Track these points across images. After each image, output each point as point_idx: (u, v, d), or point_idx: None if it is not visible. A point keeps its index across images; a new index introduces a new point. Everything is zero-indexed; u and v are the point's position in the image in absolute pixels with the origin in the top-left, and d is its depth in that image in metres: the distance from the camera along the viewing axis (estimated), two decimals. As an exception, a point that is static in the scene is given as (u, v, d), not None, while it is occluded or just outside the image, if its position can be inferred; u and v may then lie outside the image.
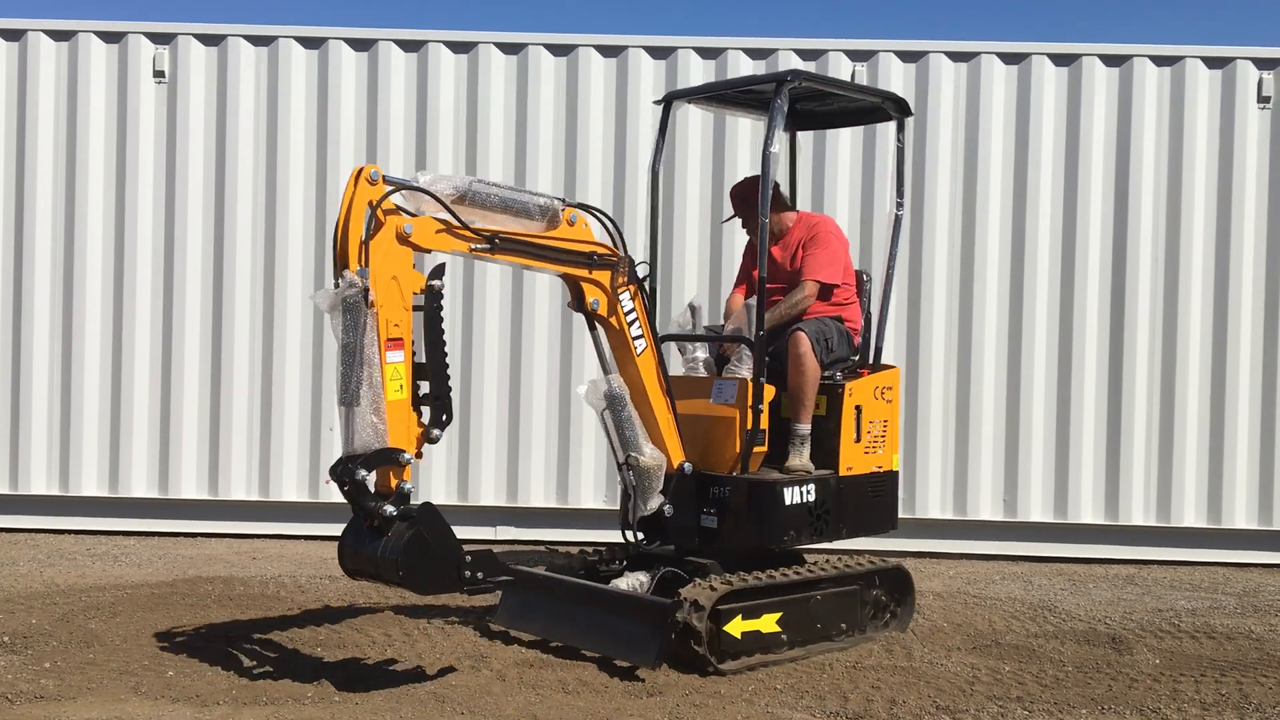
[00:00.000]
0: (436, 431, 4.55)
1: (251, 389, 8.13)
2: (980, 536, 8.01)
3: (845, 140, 8.04)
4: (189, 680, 4.74)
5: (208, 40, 8.18)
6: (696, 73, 8.10)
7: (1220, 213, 8.01)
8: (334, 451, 8.06)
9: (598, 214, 5.19)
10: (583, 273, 5.10)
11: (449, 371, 4.63)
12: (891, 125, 6.16)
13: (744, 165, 7.93)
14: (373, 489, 4.41)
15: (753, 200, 5.78)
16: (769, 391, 5.43)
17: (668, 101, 6.11)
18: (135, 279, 8.12)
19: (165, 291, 8.14)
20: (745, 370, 5.47)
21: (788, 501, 5.35)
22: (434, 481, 8.08)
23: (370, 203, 4.38)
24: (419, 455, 4.55)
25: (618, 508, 7.74)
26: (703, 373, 5.74)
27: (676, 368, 5.86)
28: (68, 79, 8.17)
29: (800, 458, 5.49)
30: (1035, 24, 27.08)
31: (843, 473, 5.59)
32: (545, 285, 8.03)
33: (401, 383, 4.43)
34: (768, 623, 5.17)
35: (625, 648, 5.06)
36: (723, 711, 4.47)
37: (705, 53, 8.11)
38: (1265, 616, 6.40)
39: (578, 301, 5.19)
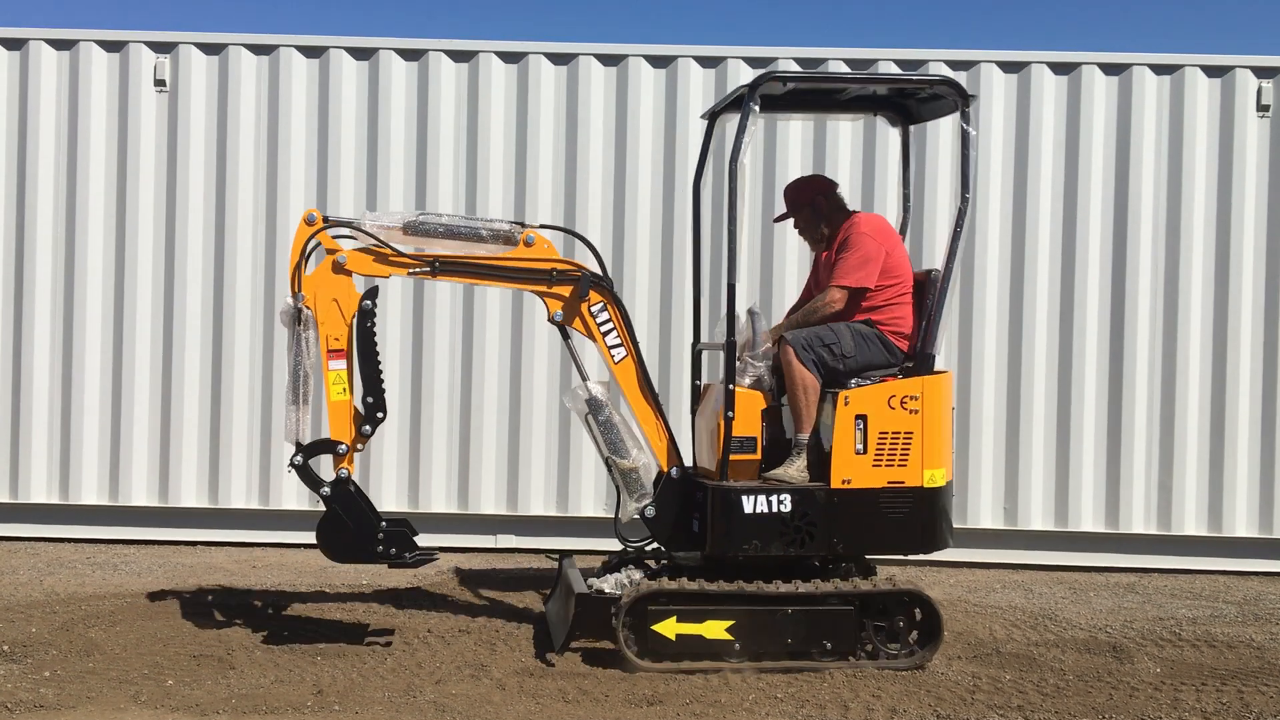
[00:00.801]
0: (367, 428, 5.36)
1: (251, 398, 8.13)
2: (981, 544, 8.00)
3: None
4: (188, 689, 4.74)
5: (209, 49, 8.19)
6: (697, 81, 8.11)
7: (1220, 221, 8.01)
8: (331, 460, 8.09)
9: (572, 233, 5.88)
10: (540, 288, 5.56)
11: (382, 377, 5.43)
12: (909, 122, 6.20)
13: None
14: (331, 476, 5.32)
15: (803, 201, 5.81)
16: (750, 399, 5.44)
17: (712, 117, 6.05)
18: (136, 288, 8.13)
19: (166, 301, 8.14)
20: (747, 379, 5.49)
21: (747, 510, 5.31)
22: (434, 490, 8.08)
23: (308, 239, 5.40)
24: (358, 448, 5.40)
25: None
26: (751, 382, 5.57)
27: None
28: (69, 88, 8.18)
29: (791, 467, 5.42)
30: (1034, 33, 27.12)
31: (836, 485, 5.35)
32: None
33: (343, 386, 5.34)
34: (713, 629, 5.19)
35: (555, 632, 5.57)
36: (723, 720, 4.46)
37: (706, 61, 8.11)
38: (1266, 625, 6.40)
39: (549, 315, 5.59)
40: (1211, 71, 8.04)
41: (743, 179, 5.29)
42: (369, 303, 5.39)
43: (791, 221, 5.98)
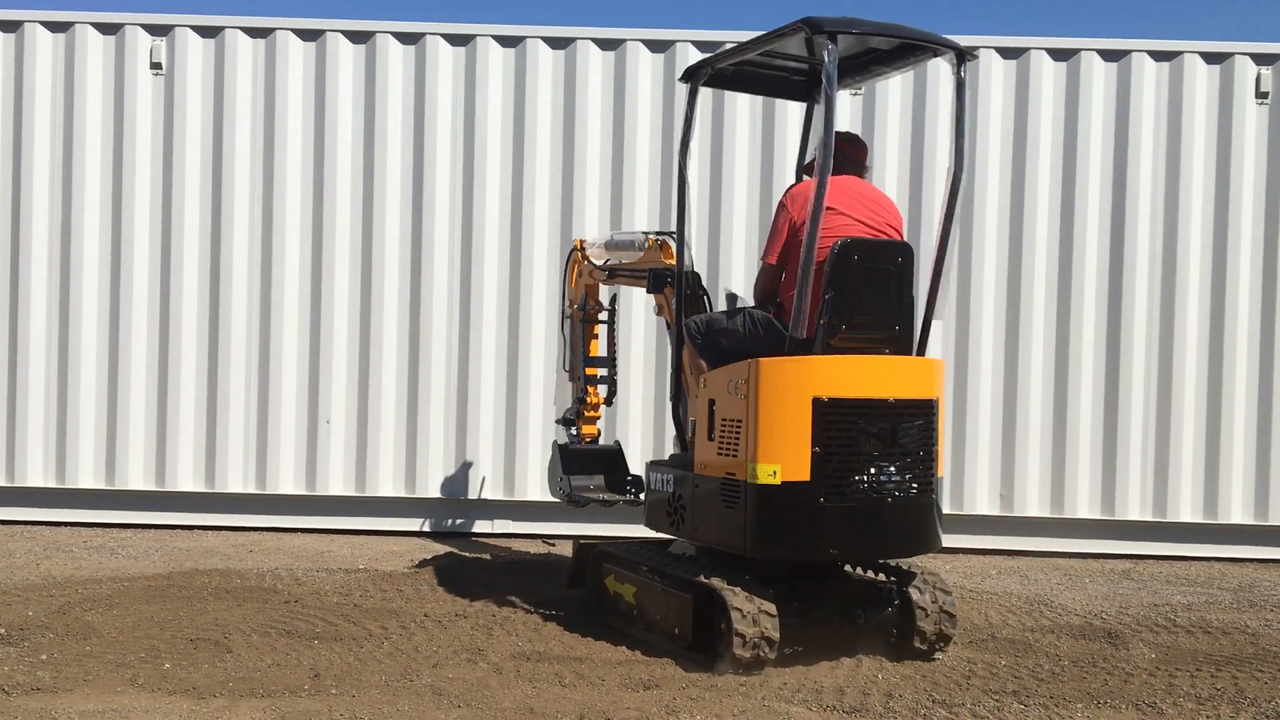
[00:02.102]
0: (580, 398, 6.93)
1: (248, 382, 8.13)
2: (977, 531, 8.02)
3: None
4: (186, 672, 4.74)
5: (205, 32, 8.16)
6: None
7: (1218, 208, 8.01)
8: (330, 444, 8.11)
9: (667, 234, 6.20)
10: (643, 284, 6.10)
11: (590, 363, 6.91)
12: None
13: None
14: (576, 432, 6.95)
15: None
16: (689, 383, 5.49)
17: (692, 78, 5.46)
18: (132, 271, 8.11)
19: (162, 284, 8.13)
20: None
21: (652, 485, 5.52)
22: (431, 474, 8.10)
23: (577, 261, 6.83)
24: (583, 414, 6.93)
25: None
26: None
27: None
28: (64, 71, 8.15)
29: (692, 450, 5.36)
30: (1033, 19, 27.08)
31: (696, 470, 5.13)
32: (541, 290, 8.11)
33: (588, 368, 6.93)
34: (627, 592, 5.43)
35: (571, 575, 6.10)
36: (719, 705, 4.47)
37: (705, 46, 8.09)
38: (1261, 611, 6.41)
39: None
40: (1210, 58, 8.03)
41: (691, 167, 5.22)
42: (575, 308, 6.89)
43: None
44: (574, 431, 6.92)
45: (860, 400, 4.83)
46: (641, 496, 6.16)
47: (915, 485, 4.97)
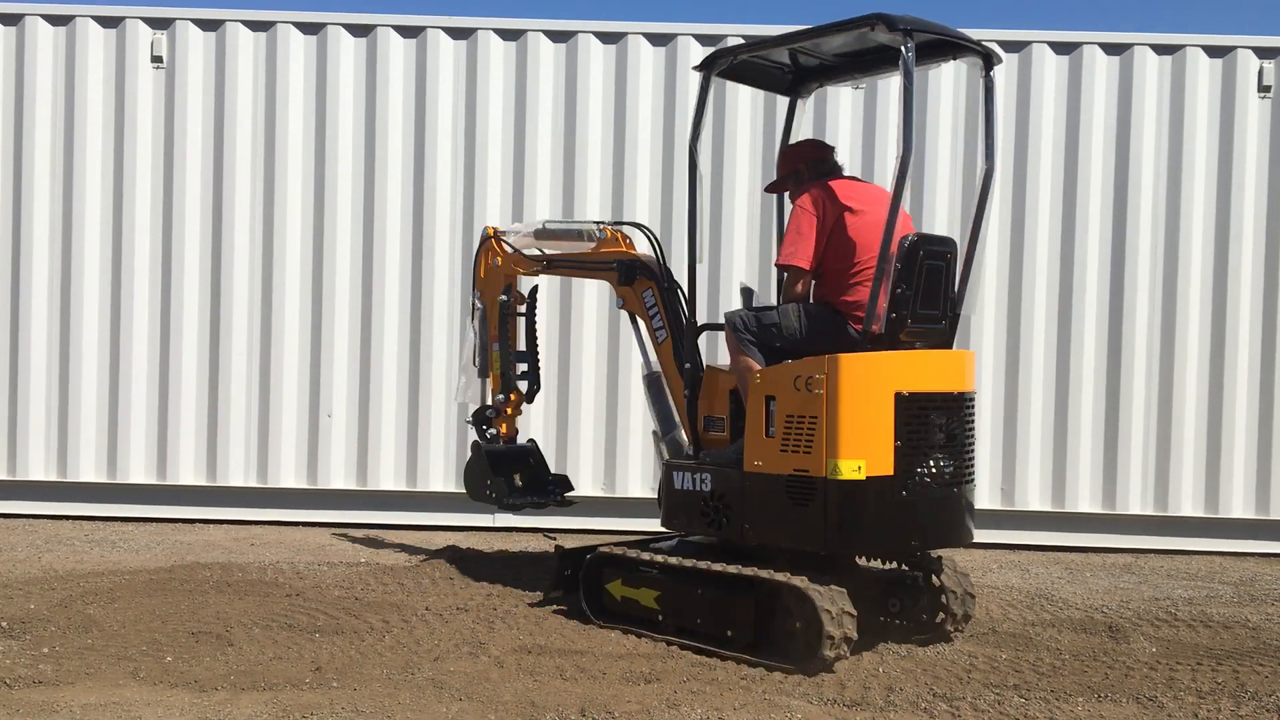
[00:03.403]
0: (500, 397, 6.55)
1: (250, 375, 8.13)
2: (978, 524, 7.95)
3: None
4: (187, 665, 4.75)
5: (206, 25, 8.16)
6: (697, 59, 8.05)
7: (1220, 202, 8.00)
8: (331, 437, 8.12)
9: (633, 225, 6.13)
10: (611, 277, 5.94)
11: (514, 359, 6.57)
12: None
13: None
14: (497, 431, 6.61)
15: (785, 170, 5.54)
16: (710, 375, 5.48)
17: (711, 67, 5.44)
18: (133, 265, 8.12)
19: (163, 277, 8.13)
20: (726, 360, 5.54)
21: (677, 486, 5.38)
22: (433, 469, 8.10)
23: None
24: (506, 412, 6.55)
25: (614, 495, 7.89)
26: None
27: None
28: (65, 64, 8.15)
29: (731, 448, 5.32)
30: (1035, 13, 27.04)
31: (748, 469, 5.04)
32: (542, 287, 8.00)
33: (499, 363, 6.56)
34: (646, 596, 5.31)
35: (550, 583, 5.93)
36: (720, 698, 4.47)
37: (705, 40, 8.08)
38: (1262, 605, 6.42)
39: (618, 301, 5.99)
40: (1213, 52, 8.02)
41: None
42: (504, 298, 6.48)
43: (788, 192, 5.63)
44: (490, 431, 6.58)
45: (934, 394, 4.98)
46: (567, 496, 6.60)
47: (965, 476, 5.15)
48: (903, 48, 4.79)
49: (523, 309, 6.66)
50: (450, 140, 8.12)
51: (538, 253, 6.37)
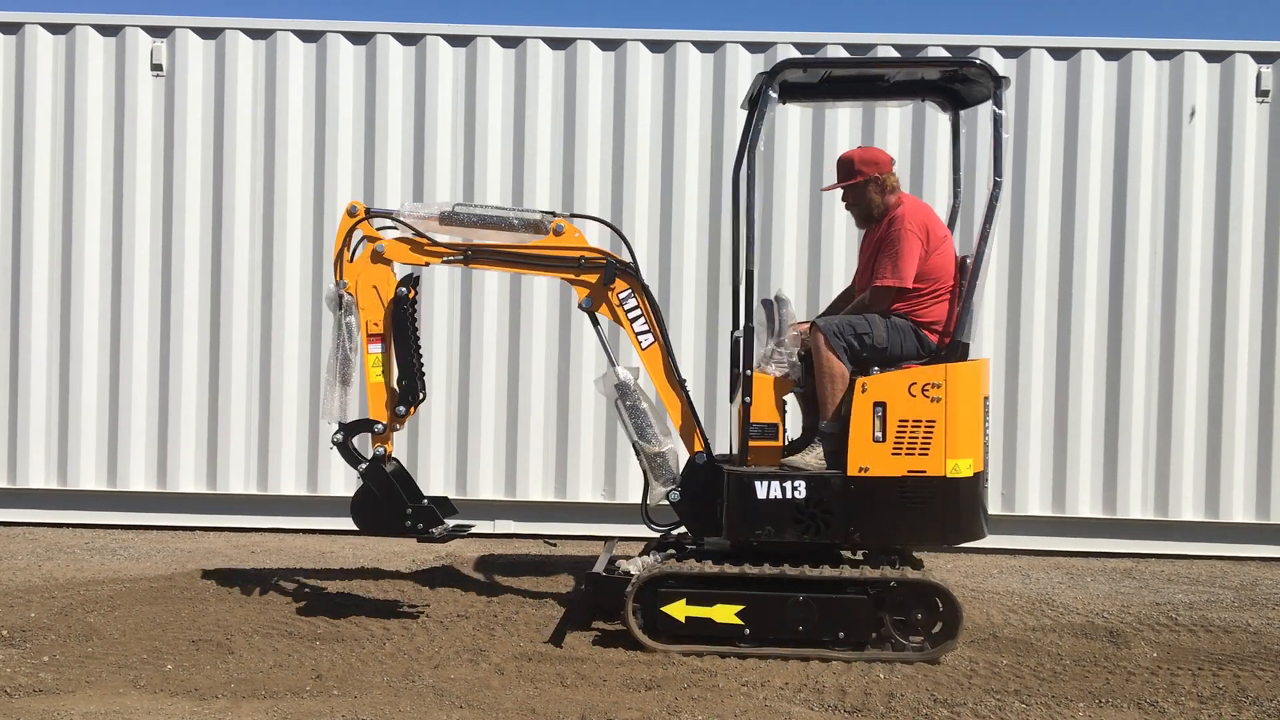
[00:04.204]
0: (402, 408, 5.64)
1: (250, 383, 8.13)
2: (978, 530, 8.00)
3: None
4: (188, 674, 4.75)
5: (205, 33, 8.16)
6: (695, 68, 8.08)
7: (1219, 207, 8.00)
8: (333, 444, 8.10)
9: (604, 223, 6.05)
10: (568, 275, 5.67)
11: (420, 361, 5.71)
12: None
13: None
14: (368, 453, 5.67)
15: (856, 175, 5.64)
16: (761, 383, 5.43)
17: (764, 91, 5.42)
18: (133, 273, 8.12)
19: (163, 285, 8.13)
20: (773, 367, 5.50)
21: (760, 495, 5.31)
22: (433, 475, 8.07)
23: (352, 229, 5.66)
24: (395, 428, 5.71)
25: (614, 501, 7.87)
26: (781, 371, 5.54)
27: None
28: (65, 72, 8.15)
29: (809, 454, 5.40)
30: (1032, 19, 27.10)
31: (853, 473, 5.27)
32: (543, 286, 8.04)
33: (381, 368, 5.64)
34: (723, 613, 5.21)
35: (564, 615, 5.71)
36: (721, 705, 4.48)
37: (704, 46, 8.09)
38: (1262, 610, 6.41)
39: (578, 301, 5.67)
40: (1211, 57, 8.02)
41: (769, 165, 5.27)
42: (404, 289, 5.62)
43: (840, 193, 5.81)
44: (379, 450, 5.71)
45: (986, 397, 5.57)
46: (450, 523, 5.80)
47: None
48: (997, 92, 5.38)
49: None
50: (450, 147, 8.12)
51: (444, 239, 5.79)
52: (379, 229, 5.71)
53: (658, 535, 5.97)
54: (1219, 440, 7.98)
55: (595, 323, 5.74)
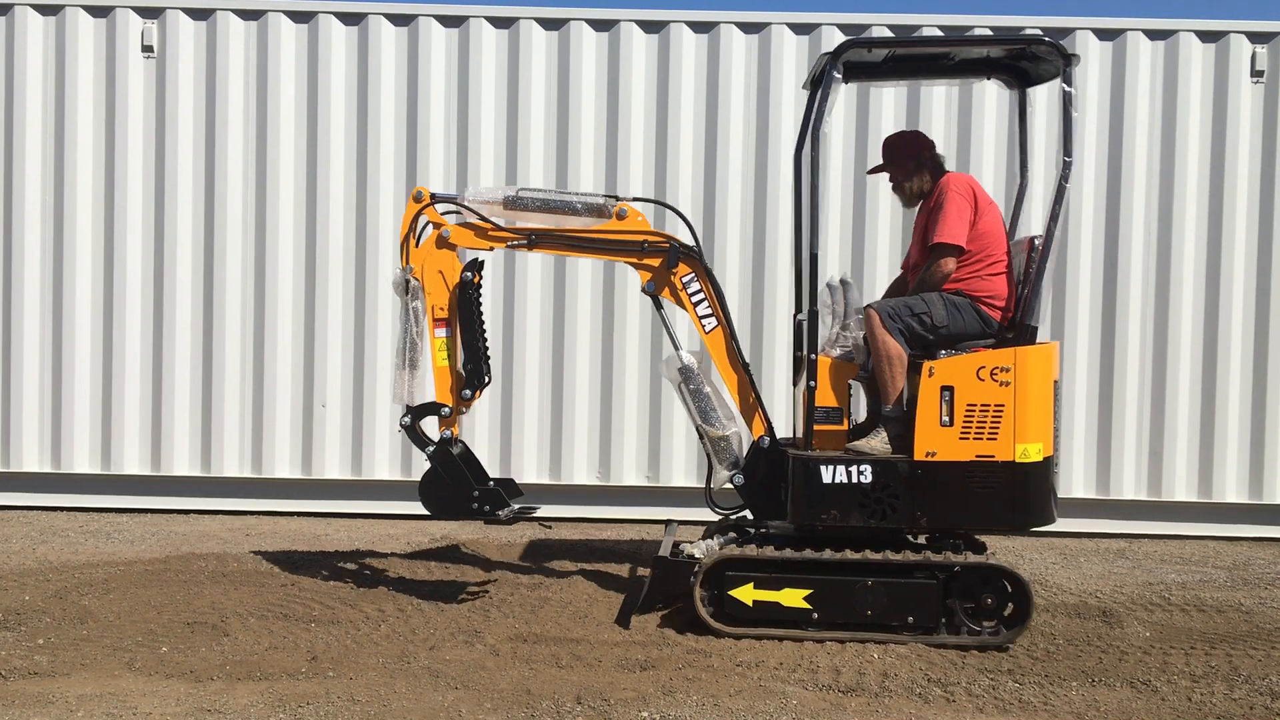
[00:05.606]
0: (467, 391, 5.65)
1: (243, 365, 8.12)
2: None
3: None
4: (183, 656, 4.75)
5: (196, 15, 8.11)
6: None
7: (1213, 186, 8.00)
8: (326, 427, 8.13)
9: (667, 206, 6.02)
10: (631, 259, 5.64)
11: (486, 344, 5.71)
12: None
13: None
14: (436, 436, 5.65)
15: (908, 154, 5.65)
16: (836, 369, 5.40)
17: (828, 71, 5.35)
18: (126, 255, 8.09)
19: (156, 268, 8.11)
20: (837, 351, 5.49)
21: (825, 480, 5.28)
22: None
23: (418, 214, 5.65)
24: (461, 411, 5.68)
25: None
26: (844, 355, 5.53)
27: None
28: (55, 54, 8.11)
29: (875, 439, 5.35)
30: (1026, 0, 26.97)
31: (919, 457, 5.23)
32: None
33: (446, 353, 5.66)
34: (791, 597, 5.19)
35: (642, 596, 5.50)
36: (715, 685, 4.49)
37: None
38: (1255, 589, 6.44)
39: (642, 285, 5.64)
40: (1206, 37, 8.01)
41: (826, 147, 5.21)
42: (469, 274, 5.61)
43: (886, 176, 5.80)
44: (446, 433, 5.67)
45: (1056, 381, 5.51)
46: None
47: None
48: (1068, 71, 5.32)
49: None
50: (443, 128, 8.09)
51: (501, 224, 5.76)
52: (443, 214, 5.71)
53: (727, 518, 5.91)
54: (1212, 421, 8.00)
55: (659, 306, 5.72)
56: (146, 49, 8.11)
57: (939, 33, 7.93)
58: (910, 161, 5.67)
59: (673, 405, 8.05)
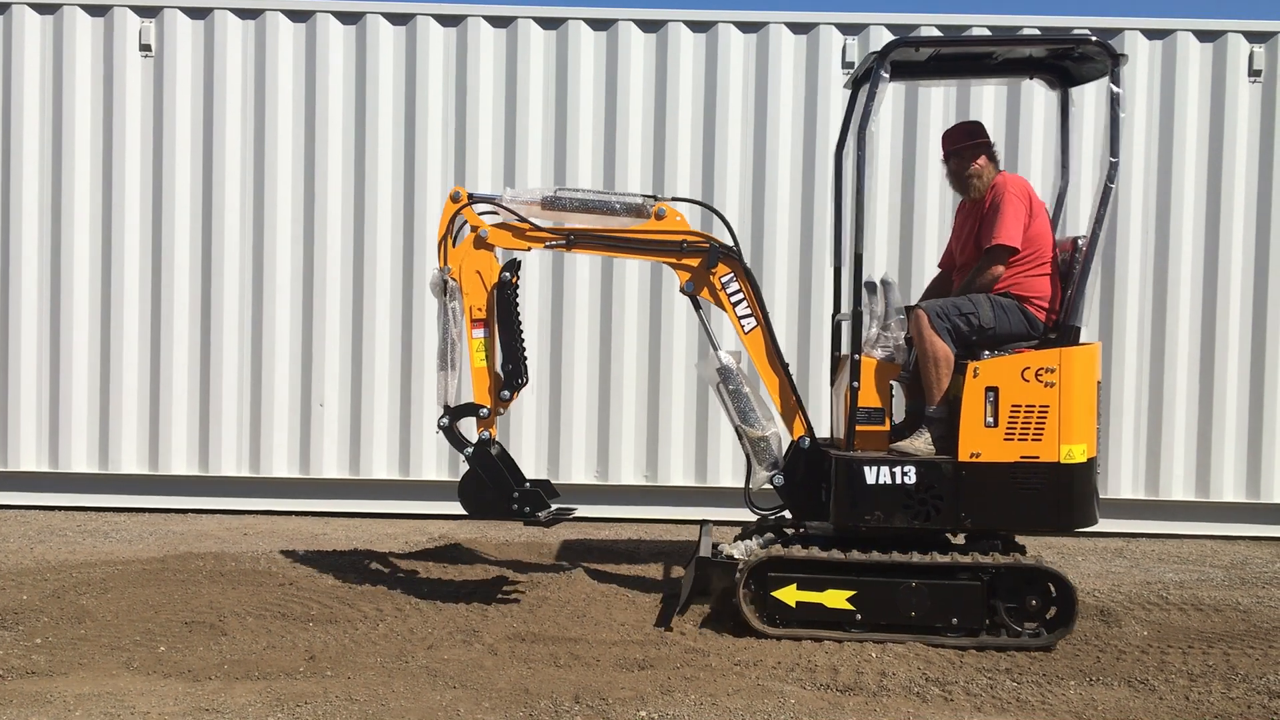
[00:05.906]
0: (506, 393, 5.63)
1: (241, 365, 8.11)
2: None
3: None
4: (181, 655, 4.75)
5: (194, 13, 8.11)
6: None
7: (1210, 186, 8.01)
8: (324, 426, 8.12)
9: (706, 206, 6.06)
10: (670, 259, 5.62)
11: (524, 345, 5.66)
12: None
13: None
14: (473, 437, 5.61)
15: (972, 141, 5.63)
16: (878, 369, 5.38)
17: (855, 85, 5.56)
18: (123, 255, 8.08)
19: (154, 267, 8.10)
20: (879, 351, 5.47)
21: (869, 480, 5.26)
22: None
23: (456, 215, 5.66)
24: (499, 412, 5.65)
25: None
26: (887, 355, 5.49)
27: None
28: (53, 53, 8.10)
29: (918, 439, 5.33)
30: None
31: (964, 458, 5.21)
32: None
33: (485, 353, 5.62)
34: (834, 598, 5.18)
35: (683, 598, 5.51)
36: (713, 684, 4.49)
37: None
38: (1252, 588, 6.45)
39: (680, 285, 5.63)
40: (1203, 36, 8.02)
41: (872, 147, 5.21)
42: (508, 274, 5.60)
43: (944, 162, 5.79)
44: (484, 434, 5.61)
45: (1099, 381, 5.48)
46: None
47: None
48: (1116, 70, 5.34)
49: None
50: (440, 127, 8.09)
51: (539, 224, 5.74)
52: (480, 214, 5.69)
53: (755, 519, 5.90)
54: (1209, 420, 8.01)
55: (697, 306, 5.70)
56: (144, 48, 8.11)
57: (987, 33, 7.92)
58: (979, 151, 5.65)
59: (670, 407, 8.05)
